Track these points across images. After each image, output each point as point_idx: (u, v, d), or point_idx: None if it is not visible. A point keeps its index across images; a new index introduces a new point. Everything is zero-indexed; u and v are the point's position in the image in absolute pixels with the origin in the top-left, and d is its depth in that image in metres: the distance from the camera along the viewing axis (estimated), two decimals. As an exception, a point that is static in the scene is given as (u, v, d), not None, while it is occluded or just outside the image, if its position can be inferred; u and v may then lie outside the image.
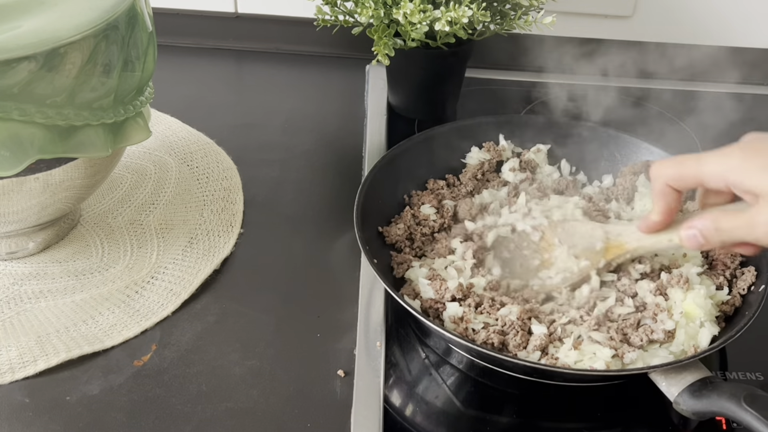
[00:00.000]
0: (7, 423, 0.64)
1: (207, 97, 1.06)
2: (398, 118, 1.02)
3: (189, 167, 0.92)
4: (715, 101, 1.05)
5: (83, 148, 0.68)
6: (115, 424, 0.64)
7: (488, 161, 0.87)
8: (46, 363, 0.68)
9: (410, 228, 0.79)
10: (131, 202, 0.86)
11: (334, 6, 0.93)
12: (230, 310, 0.75)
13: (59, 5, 0.65)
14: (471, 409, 0.68)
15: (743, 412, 0.58)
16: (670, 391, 0.62)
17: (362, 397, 0.66)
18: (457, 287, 0.70)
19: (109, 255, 0.80)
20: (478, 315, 0.69)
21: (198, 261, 0.80)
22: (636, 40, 1.11)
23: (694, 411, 0.61)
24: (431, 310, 0.70)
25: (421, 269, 0.75)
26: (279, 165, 0.94)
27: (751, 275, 0.72)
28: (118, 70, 0.68)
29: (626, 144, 0.87)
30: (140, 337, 0.72)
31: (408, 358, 0.72)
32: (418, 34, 0.87)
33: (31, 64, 0.61)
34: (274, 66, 1.14)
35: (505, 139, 0.89)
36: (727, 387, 0.60)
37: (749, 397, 0.58)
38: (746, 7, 1.08)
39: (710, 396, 0.60)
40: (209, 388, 0.68)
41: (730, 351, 0.73)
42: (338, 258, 0.81)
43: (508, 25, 0.92)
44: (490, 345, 0.67)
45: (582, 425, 0.67)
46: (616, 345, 0.67)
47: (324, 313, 0.75)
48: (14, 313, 0.73)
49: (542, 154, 0.88)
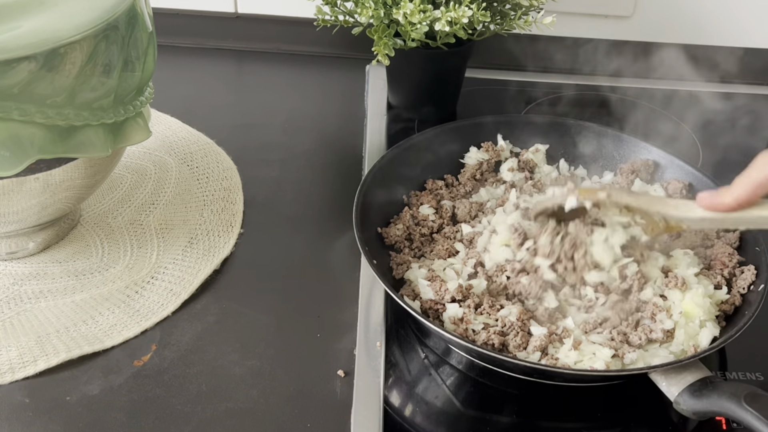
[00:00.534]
0: (7, 423, 0.64)
1: (207, 97, 1.06)
2: (398, 118, 1.02)
3: (189, 167, 0.92)
4: (715, 101, 1.05)
5: (83, 148, 0.68)
6: (115, 424, 0.64)
7: (487, 161, 0.87)
8: (46, 363, 0.68)
9: (409, 228, 0.79)
10: (131, 202, 0.86)
11: (334, 6, 0.93)
12: (230, 310, 0.75)
13: (59, 5, 0.65)
14: (471, 410, 0.68)
15: (744, 412, 0.58)
16: (671, 391, 0.62)
17: (362, 397, 0.66)
18: (456, 288, 0.70)
19: (109, 255, 0.80)
20: (477, 316, 0.69)
21: (198, 261, 0.80)
22: (636, 40, 1.11)
23: (695, 411, 0.61)
24: (431, 311, 0.70)
25: (420, 270, 0.75)
26: (279, 165, 0.94)
27: (751, 274, 0.72)
28: (118, 70, 0.68)
29: (625, 143, 0.88)
30: (140, 337, 0.72)
31: (408, 358, 0.72)
32: (418, 34, 0.87)
33: (31, 64, 0.61)
34: (274, 66, 1.14)
35: (503, 139, 0.89)
36: (728, 387, 0.61)
37: (750, 397, 0.58)
38: (746, 7, 1.08)
39: (711, 396, 0.60)
40: (209, 388, 0.68)
41: (730, 351, 0.73)
42: (338, 258, 0.81)
43: (508, 25, 0.92)
44: (491, 346, 0.67)
45: (582, 425, 0.67)
46: (615, 345, 0.67)
47: (324, 313, 0.75)
48: (14, 313, 0.73)
49: (541, 153, 0.88)
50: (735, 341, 0.65)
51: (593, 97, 1.08)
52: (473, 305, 0.70)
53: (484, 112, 0.94)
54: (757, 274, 0.72)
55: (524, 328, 0.68)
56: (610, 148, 0.88)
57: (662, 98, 1.07)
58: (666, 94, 1.08)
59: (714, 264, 0.75)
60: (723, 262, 0.74)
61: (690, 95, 1.07)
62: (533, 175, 0.87)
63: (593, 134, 0.89)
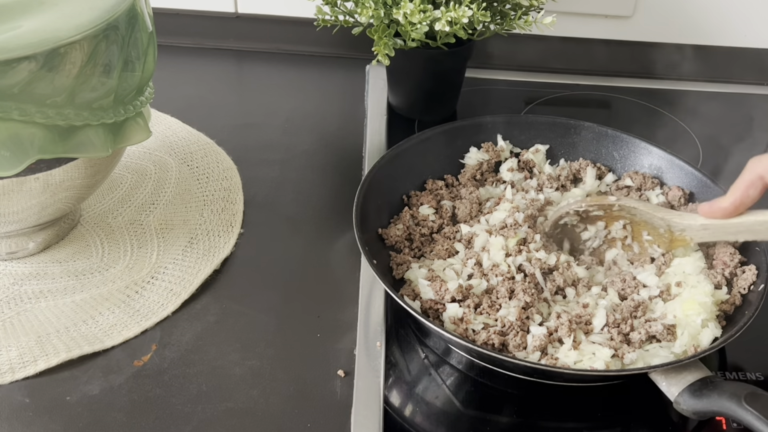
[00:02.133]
0: (7, 423, 0.64)
1: (207, 97, 1.06)
2: (398, 118, 1.02)
3: (189, 167, 0.92)
4: (715, 101, 1.05)
5: (83, 148, 0.68)
6: (115, 424, 0.64)
7: (487, 161, 0.87)
8: (46, 363, 0.68)
9: (409, 228, 0.79)
10: (131, 202, 0.86)
11: (334, 6, 0.93)
12: (230, 310, 0.75)
13: (59, 5, 0.65)
14: (471, 409, 0.68)
15: (744, 412, 0.58)
16: (671, 390, 0.62)
17: (362, 397, 0.66)
18: (457, 288, 0.70)
19: (109, 255, 0.80)
20: (477, 316, 0.69)
21: (198, 261, 0.80)
22: (636, 40, 1.11)
23: (695, 410, 0.61)
24: (431, 311, 0.70)
25: (420, 270, 0.75)
26: (279, 165, 0.94)
27: (752, 274, 0.72)
28: (118, 70, 0.68)
29: (625, 143, 0.88)
30: (140, 337, 0.72)
31: (408, 358, 0.72)
32: (418, 34, 0.87)
33: (31, 64, 0.61)
34: (274, 66, 1.14)
35: (503, 139, 0.89)
36: (728, 386, 0.60)
37: (750, 397, 0.58)
38: (746, 7, 1.08)
39: (711, 395, 0.60)
40: (209, 388, 0.68)
41: (730, 351, 0.73)
42: (338, 258, 0.81)
43: (508, 25, 0.92)
44: (491, 346, 0.67)
45: (582, 425, 0.67)
46: (615, 345, 0.67)
47: (324, 313, 0.75)
48: (14, 313, 0.73)
49: (541, 154, 0.88)
50: (735, 341, 0.65)
51: (593, 97, 1.08)
52: (473, 305, 0.70)
53: (484, 112, 0.94)
54: (757, 273, 0.72)
55: (524, 328, 0.68)
56: (610, 148, 0.88)
57: (662, 98, 1.07)
58: (666, 94, 1.08)
59: (716, 264, 0.75)
60: (724, 262, 0.74)
61: (690, 95, 1.07)
62: (533, 175, 0.87)
63: (593, 134, 0.89)
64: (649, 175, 0.85)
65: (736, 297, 0.72)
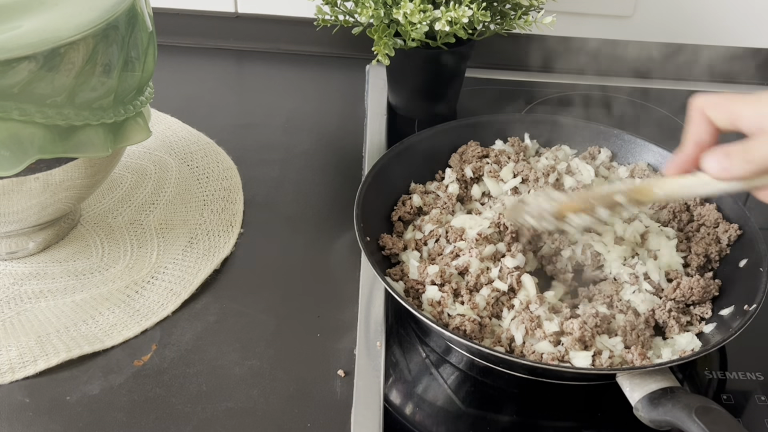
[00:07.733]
0: (7, 423, 0.64)
1: (207, 97, 1.06)
2: (398, 118, 1.02)
3: (189, 167, 0.92)
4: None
5: (83, 148, 0.68)
6: (115, 424, 0.64)
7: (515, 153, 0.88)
8: (46, 363, 0.68)
9: (404, 215, 0.81)
10: (131, 202, 0.86)
11: (334, 6, 0.93)
12: (230, 310, 0.75)
13: (59, 5, 0.65)
14: (471, 408, 0.68)
15: (692, 424, 0.57)
16: (633, 396, 0.62)
17: (362, 397, 0.66)
18: (437, 273, 0.71)
19: (109, 255, 0.80)
20: (457, 303, 0.70)
21: (198, 261, 0.80)
22: (636, 40, 1.11)
23: (651, 419, 0.60)
24: (412, 291, 0.72)
25: (413, 252, 0.76)
26: (279, 165, 0.94)
27: (735, 230, 0.76)
28: (118, 70, 0.68)
29: (625, 143, 0.88)
30: (140, 337, 0.72)
31: (408, 357, 0.72)
32: (418, 34, 0.87)
33: (31, 64, 0.61)
34: (274, 66, 1.14)
35: (503, 140, 0.89)
36: (684, 398, 0.59)
37: (701, 410, 0.57)
38: (746, 7, 1.08)
39: (666, 405, 0.59)
40: (209, 388, 0.68)
41: (730, 351, 0.73)
42: (338, 258, 0.81)
43: (508, 25, 0.92)
44: (462, 332, 0.67)
45: (582, 425, 0.67)
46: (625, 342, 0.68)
47: (324, 313, 0.75)
48: (14, 313, 0.73)
49: (563, 152, 0.89)
50: (735, 341, 0.65)
51: (594, 97, 1.08)
52: (451, 291, 0.71)
53: (484, 112, 0.94)
54: (758, 271, 0.72)
55: (536, 324, 0.68)
56: (610, 147, 0.88)
57: (662, 98, 1.07)
58: (666, 94, 1.08)
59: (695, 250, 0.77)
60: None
61: (690, 95, 1.07)
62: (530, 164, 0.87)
63: (594, 133, 0.89)
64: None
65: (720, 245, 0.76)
